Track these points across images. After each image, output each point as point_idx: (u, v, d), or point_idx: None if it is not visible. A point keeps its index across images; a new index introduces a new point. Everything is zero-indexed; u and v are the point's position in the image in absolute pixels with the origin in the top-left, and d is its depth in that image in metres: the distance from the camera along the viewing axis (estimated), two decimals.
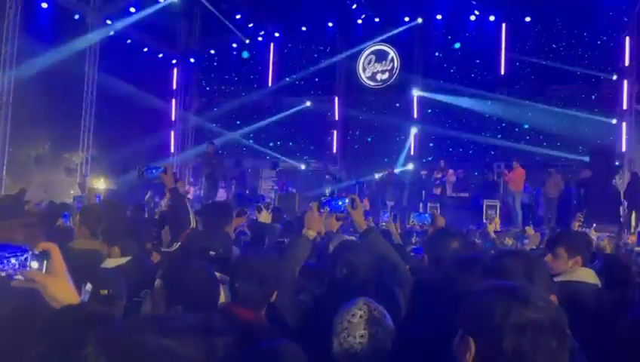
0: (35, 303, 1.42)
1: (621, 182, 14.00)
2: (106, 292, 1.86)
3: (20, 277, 1.40)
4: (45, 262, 1.41)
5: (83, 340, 1.39)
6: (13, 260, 1.39)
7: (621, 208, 12.88)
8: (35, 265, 1.41)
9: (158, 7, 17.43)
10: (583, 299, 2.82)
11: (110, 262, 2.67)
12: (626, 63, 14.74)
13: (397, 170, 16.60)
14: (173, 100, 21.02)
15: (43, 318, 1.42)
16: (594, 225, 8.02)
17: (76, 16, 16.88)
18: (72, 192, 14.30)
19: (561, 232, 3.98)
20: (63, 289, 1.43)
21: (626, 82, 14.65)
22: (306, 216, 3.06)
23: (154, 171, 3.75)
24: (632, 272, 3.32)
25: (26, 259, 1.40)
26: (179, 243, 3.42)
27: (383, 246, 2.89)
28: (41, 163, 16.43)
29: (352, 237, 3.65)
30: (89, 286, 1.46)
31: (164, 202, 3.75)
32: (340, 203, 3.07)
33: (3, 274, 1.39)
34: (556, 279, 2.96)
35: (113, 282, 2.06)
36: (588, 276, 2.94)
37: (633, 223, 11.98)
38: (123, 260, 2.78)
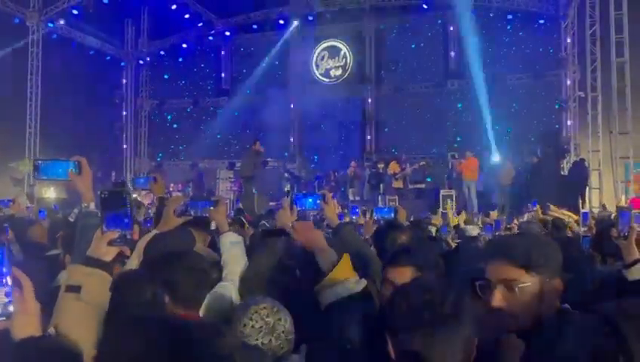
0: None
1: (569, 166, 14.58)
2: None
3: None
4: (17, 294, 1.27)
5: None
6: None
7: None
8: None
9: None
10: None
11: None
12: (566, 51, 15.36)
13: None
14: (124, 104, 20.48)
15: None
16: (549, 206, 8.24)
17: (16, 20, 16.16)
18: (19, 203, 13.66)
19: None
20: (25, 328, 1.27)
21: (567, 71, 15.28)
22: (278, 214, 3.04)
23: (142, 181, 3.71)
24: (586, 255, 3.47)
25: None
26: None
27: (357, 240, 2.92)
28: None
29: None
30: (52, 330, 1.36)
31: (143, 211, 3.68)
32: (311, 200, 3.07)
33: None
34: None
35: None
36: None
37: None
38: None
